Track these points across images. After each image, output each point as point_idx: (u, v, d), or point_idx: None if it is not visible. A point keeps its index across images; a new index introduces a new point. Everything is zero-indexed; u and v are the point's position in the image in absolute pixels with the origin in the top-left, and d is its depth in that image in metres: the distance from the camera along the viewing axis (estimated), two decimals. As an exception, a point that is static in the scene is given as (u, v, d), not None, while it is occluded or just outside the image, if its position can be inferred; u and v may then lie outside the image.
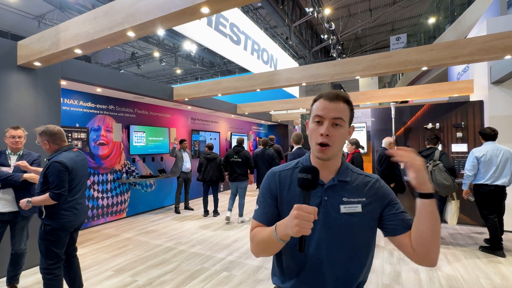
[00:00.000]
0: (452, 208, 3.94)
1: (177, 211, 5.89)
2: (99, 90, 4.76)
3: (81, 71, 4.07)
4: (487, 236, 4.15)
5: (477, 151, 3.61)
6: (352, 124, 0.92)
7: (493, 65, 4.44)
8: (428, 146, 4.22)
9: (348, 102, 0.88)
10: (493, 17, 4.63)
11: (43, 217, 2.11)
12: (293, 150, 4.48)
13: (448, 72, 7.74)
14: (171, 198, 6.61)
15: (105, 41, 2.55)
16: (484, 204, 3.57)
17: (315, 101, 0.91)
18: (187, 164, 5.97)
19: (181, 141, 6.03)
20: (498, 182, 3.42)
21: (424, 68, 3.59)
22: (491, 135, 3.59)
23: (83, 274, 2.98)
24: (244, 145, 5.87)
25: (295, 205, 0.72)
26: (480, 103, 4.83)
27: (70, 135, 4.59)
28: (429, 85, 6.05)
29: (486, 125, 4.64)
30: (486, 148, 3.55)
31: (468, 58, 3.25)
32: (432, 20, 11.51)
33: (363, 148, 4.69)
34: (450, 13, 9.57)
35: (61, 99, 4.37)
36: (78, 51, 2.75)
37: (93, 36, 2.47)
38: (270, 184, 0.95)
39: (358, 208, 0.88)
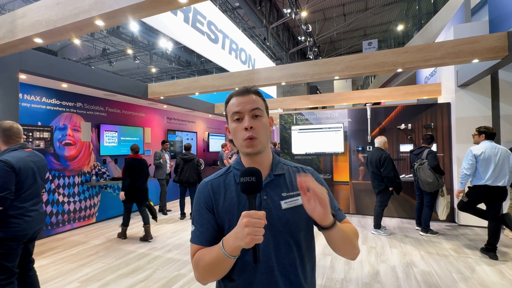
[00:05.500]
0: (442, 204, 4.12)
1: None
2: (64, 86, 4.40)
3: (43, 64, 3.71)
4: (456, 232, 4.38)
5: (475, 149, 3.38)
6: (270, 115, 0.91)
7: (460, 69, 4.70)
8: (421, 145, 4.37)
9: (258, 93, 0.87)
10: (459, 24, 4.91)
11: None
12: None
13: (417, 76, 8.14)
14: (145, 201, 6.30)
15: (70, 30, 2.32)
16: (476, 203, 3.43)
17: (227, 102, 0.88)
18: (168, 165, 5.89)
19: (163, 142, 5.94)
20: (499, 183, 3.23)
21: (399, 70, 3.70)
22: (492, 133, 3.37)
23: None
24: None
25: (243, 213, 0.67)
26: (448, 105, 5.10)
27: (31, 134, 4.19)
28: (401, 88, 6.30)
29: (453, 126, 4.90)
30: (484, 146, 3.34)
31: (439, 61, 3.39)
32: (400, 27, 12.15)
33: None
34: (417, 20, 10.13)
35: (20, 94, 3.99)
36: (39, 41, 2.49)
37: (55, 24, 2.23)
38: (204, 196, 0.87)
39: (298, 200, 0.83)
